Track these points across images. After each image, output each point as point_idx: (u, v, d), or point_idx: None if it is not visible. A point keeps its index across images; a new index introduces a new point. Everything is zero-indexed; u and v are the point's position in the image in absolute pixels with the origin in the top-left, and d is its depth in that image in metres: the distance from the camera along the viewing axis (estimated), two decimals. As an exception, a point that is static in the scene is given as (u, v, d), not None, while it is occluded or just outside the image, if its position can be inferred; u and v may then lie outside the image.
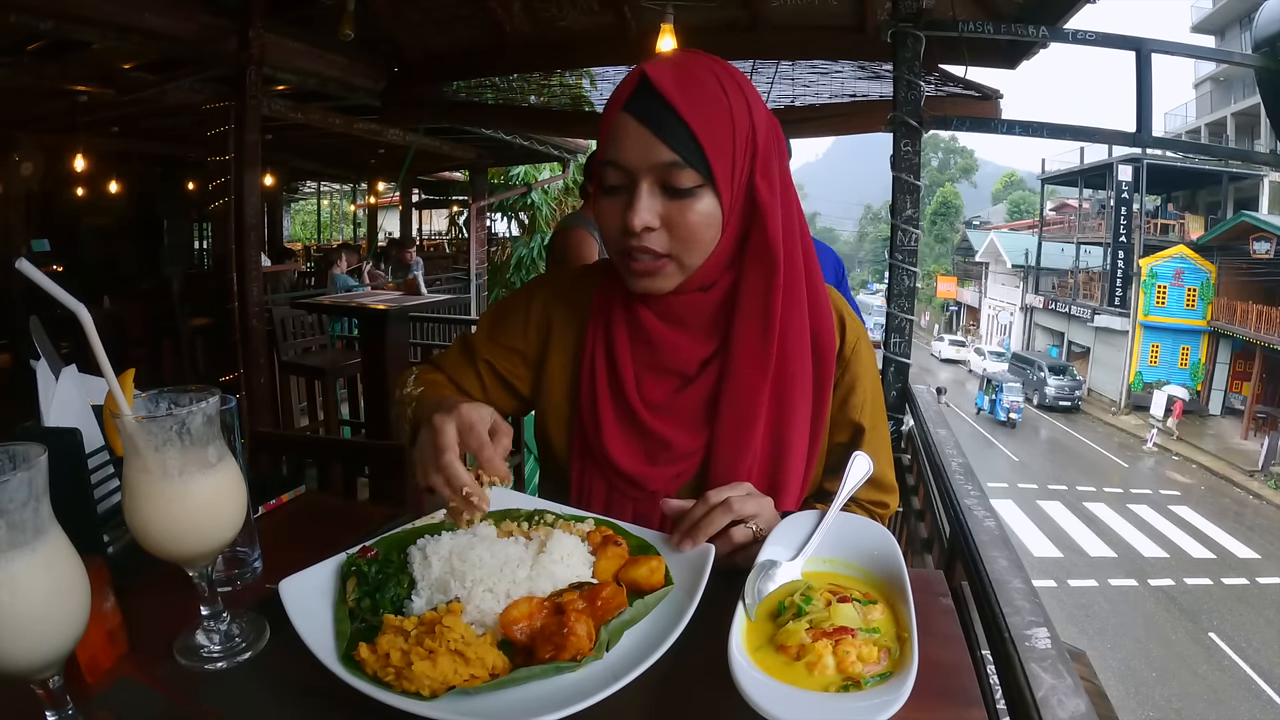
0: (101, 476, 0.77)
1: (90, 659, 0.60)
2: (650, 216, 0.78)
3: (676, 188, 0.77)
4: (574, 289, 0.97)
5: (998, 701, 0.74)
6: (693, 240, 0.80)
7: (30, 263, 0.58)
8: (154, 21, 3.10)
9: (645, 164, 0.77)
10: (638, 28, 3.59)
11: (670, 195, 0.78)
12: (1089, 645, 8.23)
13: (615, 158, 0.78)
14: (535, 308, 0.97)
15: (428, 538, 0.70)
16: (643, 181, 0.77)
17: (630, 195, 0.78)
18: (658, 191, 0.78)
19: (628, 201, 0.78)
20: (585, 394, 0.91)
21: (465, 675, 0.55)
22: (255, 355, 3.62)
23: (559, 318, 0.96)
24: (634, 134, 0.77)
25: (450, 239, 13.30)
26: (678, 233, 0.79)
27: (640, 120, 0.77)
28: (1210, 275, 18.08)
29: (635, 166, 0.77)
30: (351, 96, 4.46)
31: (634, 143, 0.77)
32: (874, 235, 56.04)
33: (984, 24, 2.48)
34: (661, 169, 0.77)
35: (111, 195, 8.49)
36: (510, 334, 0.97)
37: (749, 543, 0.73)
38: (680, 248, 0.80)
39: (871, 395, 0.94)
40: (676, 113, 0.76)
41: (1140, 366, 18.75)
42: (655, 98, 0.76)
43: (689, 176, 0.77)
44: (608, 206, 0.81)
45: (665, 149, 0.76)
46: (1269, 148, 13.74)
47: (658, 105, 0.76)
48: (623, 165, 0.78)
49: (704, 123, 0.76)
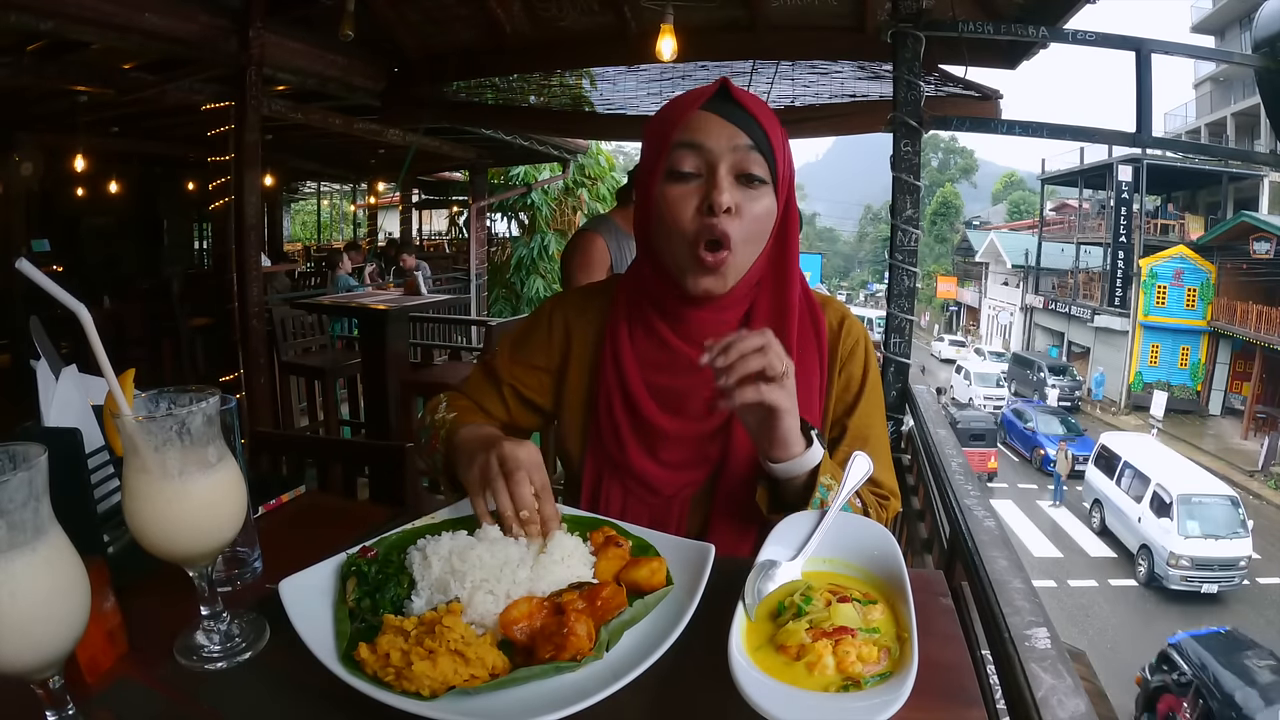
0: (101, 476, 0.77)
1: (90, 659, 0.60)
2: (731, 199, 0.82)
3: (751, 174, 0.83)
4: (591, 302, 1.01)
5: (998, 701, 0.74)
6: (756, 233, 0.85)
7: (30, 263, 0.58)
8: (154, 21, 3.10)
9: (728, 146, 0.82)
10: (638, 28, 3.59)
11: (743, 184, 0.83)
12: (1089, 645, 8.22)
13: (697, 140, 0.83)
14: (556, 322, 1.00)
15: (428, 538, 0.70)
16: (722, 164, 0.82)
17: (709, 179, 0.83)
18: (732, 180, 0.83)
19: (708, 185, 0.82)
20: (602, 403, 0.93)
21: (465, 675, 0.55)
22: (255, 355, 3.62)
23: (577, 331, 0.99)
24: (718, 124, 0.83)
25: (450, 239, 13.30)
26: (745, 220, 0.83)
27: (720, 114, 0.83)
28: (1210, 275, 18.08)
29: (718, 148, 0.82)
30: (351, 96, 4.46)
31: (718, 129, 0.83)
32: (874, 235, 56.00)
33: (984, 24, 2.48)
34: (743, 153, 0.83)
35: (111, 195, 8.48)
36: (533, 351, 1.00)
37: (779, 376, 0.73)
38: (743, 239, 0.84)
39: (868, 398, 0.95)
40: (753, 116, 0.84)
41: (1140, 367, 18.74)
42: (733, 102, 0.84)
43: (762, 166, 0.84)
44: (679, 193, 0.84)
45: (745, 137, 0.83)
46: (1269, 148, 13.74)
47: (736, 108, 0.84)
48: (705, 146, 0.83)
49: (771, 130, 0.85)
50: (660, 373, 0.91)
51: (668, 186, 0.85)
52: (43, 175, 6.81)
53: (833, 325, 0.96)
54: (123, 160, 8.37)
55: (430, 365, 4.58)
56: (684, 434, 0.90)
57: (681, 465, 0.90)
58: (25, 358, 0.78)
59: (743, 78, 3.88)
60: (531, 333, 1.01)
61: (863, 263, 59.66)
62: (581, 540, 0.73)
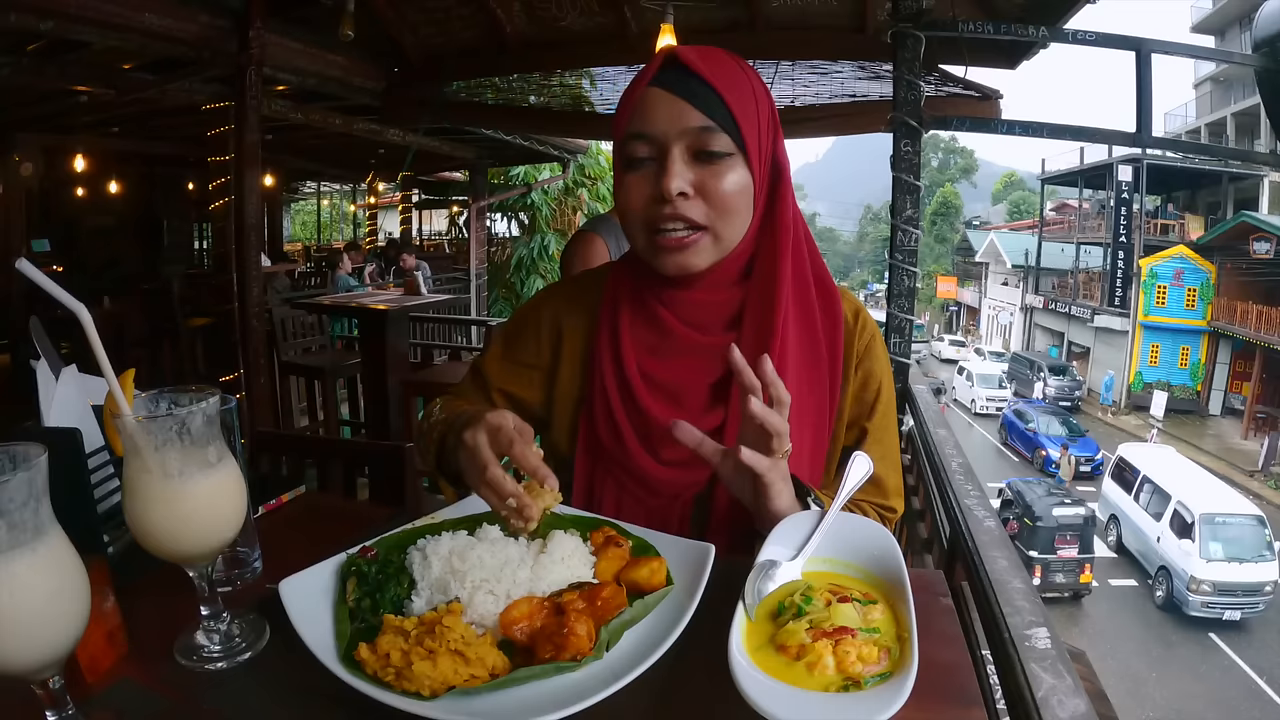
0: (101, 476, 0.77)
1: (90, 659, 0.60)
2: (684, 183, 0.76)
3: (710, 151, 0.76)
4: (582, 292, 0.96)
5: (998, 701, 0.74)
6: (728, 208, 0.78)
7: (30, 263, 0.58)
8: (154, 22, 3.10)
9: (677, 129, 0.76)
10: (638, 28, 3.59)
11: (703, 161, 0.77)
12: (1089, 646, 8.22)
13: (643, 129, 0.77)
14: (545, 317, 0.96)
15: (428, 538, 0.70)
16: (674, 148, 0.76)
17: (660, 165, 0.77)
18: (690, 159, 0.77)
19: (658, 170, 0.77)
20: (597, 396, 0.89)
21: (465, 675, 0.55)
22: (255, 355, 3.61)
23: (569, 323, 0.95)
24: (664, 102, 0.76)
25: (450, 239, 13.30)
26: (713, 200, 0.78)
27: (670, 90, 0.76)
28: (1210, 275, 18.08)
29: (665, 134, 0.76)
30: (351, 96, 4.46)
31: (666, 110, 0.76)
32: (874, 235, 56.01)
33: (984, 24, 2.48)
34: (694, 134, 0.76)
35: (111, 195, 8.50)
36: (524, 349, 0.96)
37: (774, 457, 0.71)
38: (716, 217, 0.78)
39: (885, 397, 0.91)
40: (707, 81, 0.76)
41: (1140, 367, 18.74)
42: (683, 69, 0.76)
43: (722, 141, 0.76)
44: (632, 181, 0.79)
45: (698, 113, 0.75)
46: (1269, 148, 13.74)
47: (686, 75, 0.76)
48: (651, 134, 0.77)
49: (732, 92, 0.77)
50: (657, 360, 0.87)
51: (624, 175, 0.80)
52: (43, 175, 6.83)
53: (848, 318, 0.90)
54: (123, 160, 8.37)
55: (430, 365, 4.59)
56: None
57: (682, 463, 0.84)
58: (25, 358, 0.79)
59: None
60: (521, 329, 0.97)
61: (863, 263, 59.67)
62: (581, 540, 0.73)
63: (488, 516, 0.78)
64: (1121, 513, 11.41)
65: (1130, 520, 11.11)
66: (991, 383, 20.51)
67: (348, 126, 5.21)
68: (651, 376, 0.87)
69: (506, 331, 0.99)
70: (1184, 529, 9.79)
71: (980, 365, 22.28)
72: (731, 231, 0.80)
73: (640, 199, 0.79)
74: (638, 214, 0.80)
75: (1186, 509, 9.90)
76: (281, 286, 7.79)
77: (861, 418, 0.90)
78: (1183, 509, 9.98)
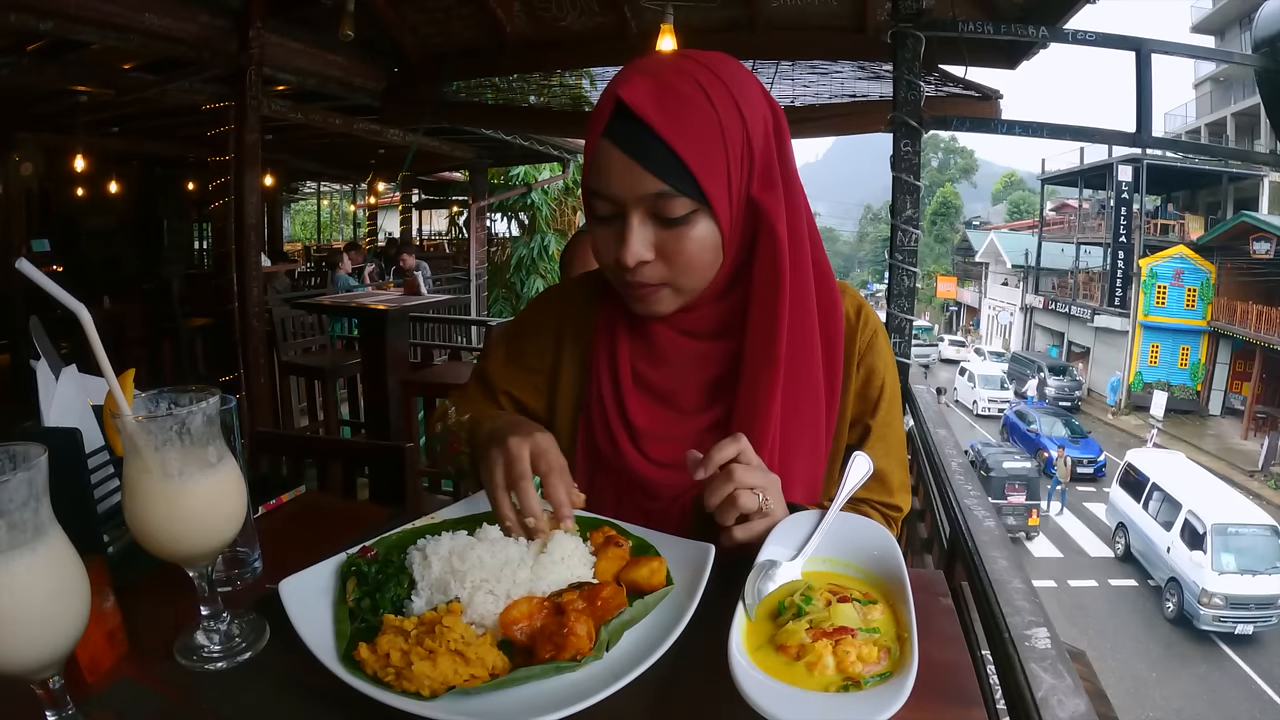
0: (101, 476, 0.77)
1: (90, 659, 0.60)
2: (643, 250, 0.74)
3: (668, 217, 0.73)
4: (581, 296, 0.96)
5: (998, 701, 0.74)
6: (690, 268, 0.77)
7: (30, 263, 0.58)
8: (154, 22, 3.10)
9: (632, 195, 0.72)
10: (638, 28, 3.60)
11: (663, 224, 0.74)
12: (1089, 646, 8.21)
13: (600, 189, 0.74)
14: (547, 320, 0.96)
15: (428, 538, 0.70)
16: (633, 214, 0.73)
17: (621, 227, 0.74)
18: (649, 221, 0.74)
19: (619, 234, 0.75)
20: (594, 397, 0.89)
21: (465, 675, 0.55)
22: (255, 355, 3.62)
23: (569, 327, 0.94)
24: (618, 163, 0.72)
25: (450, 239, 13.31)
26: (674, 262, 0.76)
27: (622, 149, 0.71)
28: (1210, 275, 18.08)
29: (622, 198, 0.73)
30: (351, 96, 4.47)
31: (619, 173, 0.72)
32: (874, 235, 56.01)
33: (984, 24, 2.48)
34: (650, 200, 0.72)
35: (111, 195, 8.49)
36: (527, 353, 0.95)
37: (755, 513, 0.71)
38: (677, 275, 0.77)
39: (889, 393, 0.90)
40: (659, 137, 0.70)
41: (1140, 367, 18.74)
42: (634, 122, 0.70)
43: (680, 204, 0.72)
44: (601, 236, 0.78)
45: (652, 179, 0.71)
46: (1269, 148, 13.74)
47: (637, 130, 0.71)
48: (609, 196, 0.74)
49: (691, 144, 0.71)
50: (651, 364, 0.87)
51: (594, 227, 0.79)
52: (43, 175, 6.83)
53: (850, 315, 0.88)
54: (123, 160, 8.38)
55: (430, 365, 4.58)
56: (674, 432, 0.85)
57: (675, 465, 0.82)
58: (25, 358, 0.78)
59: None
60: (523, 332, 0.97)
61: (863, 263, 59.65)
62: (581, 540, 0.73)
63: (488, 516, 0.78)
64: (1130, 522, 11.11)
65: (1139, 529, 10.83)
66: (993, 384, 20.41)
67: (348, 126, 5.21)
68: (645, 379, 0.87)
69: (508, 335, 0.99)
70: (1195, 539, 9.52)
71: (982, 366, 22.03)
72: (693, 283, 0.79)
73: (608, 254, 0.78)
74: (608, 266, 0.79)
75: (1198, 519, 9.62)
76: (281, 286, 7.80)
77: (865, 415, 0.89)
78: (1194, 519, 9.69)
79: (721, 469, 0.71)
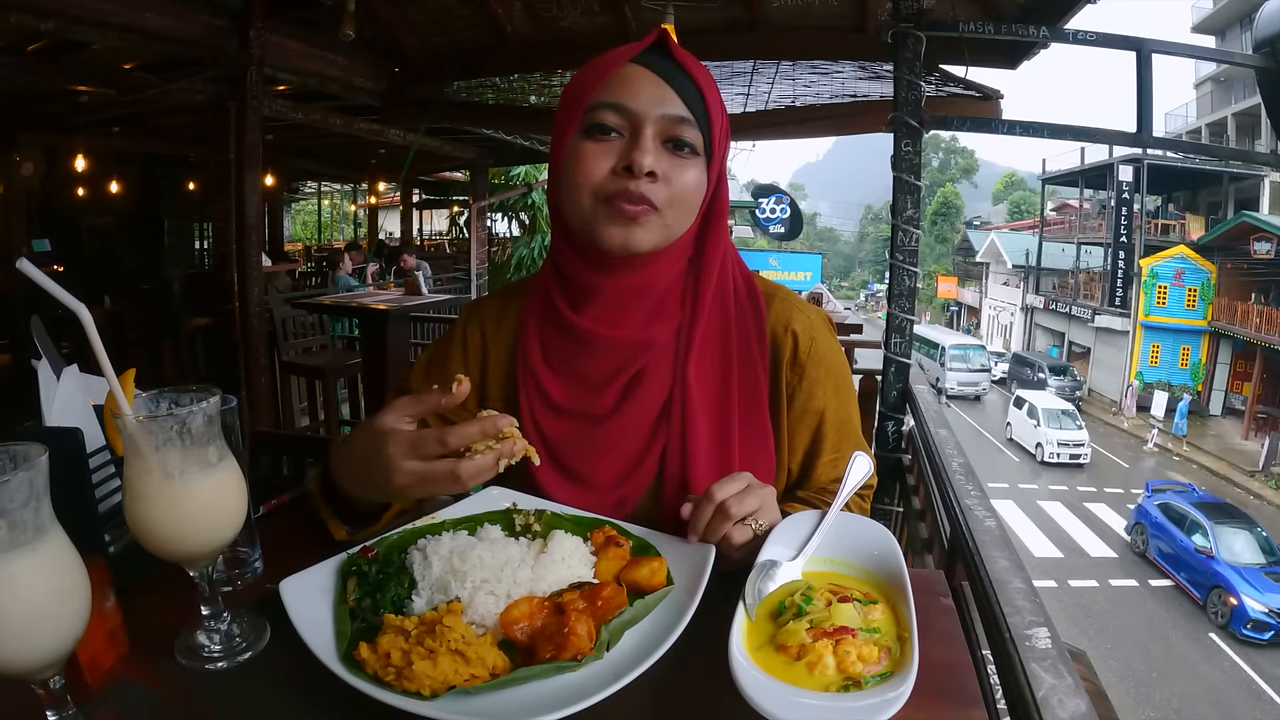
0: (102, 476, 0.76)
1: (91, 659, 0.60)
2: (655, 162, 0.75)
3: (681, 141, 0.77)
4: (508, 305, 0.93)
5: (998, 701, 0.74)
6: (685, 201, 0.78)
7: (31, 263, 0.58)
8: (155, 22, 3.10)
9: (657, 110, 0.76)
10: (638, 28, 3.59)
11: (671, 150, 0.77)
12: (1089, 646, 8.20)
13: (620, 100, 0.75)
14: (471, 334, 0.93)
15: (428, 538, 0.70)
16: (647, 128, 0.75)
17: (632, 139, 0.76)
18: (659, 145, 0.76)
19: (629, 144, 0.75)
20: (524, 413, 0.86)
21: (465, 675, 0.55)
22: (256, 355, 3.62)
23: (494, 340, 0.92)
24: (649, 81, 0.76)
25: (450, 239, 13.32)
26: (675, 189, 0.77)
27: (655, 72, 0.77)
28: (1211, 275, 18.07)
29: (644, 112, 0.75)
30: (352, 96, 4.47)
31: (648, 90, 0.76)
32: (874, 235, 55.93)
33: (984, 24, 2.48)
34: (671, 121, 0.76)
35: (112, 195, 8.49)
36: (448, 371, 0.89)
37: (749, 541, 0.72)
38: (671, 204, 0.77)
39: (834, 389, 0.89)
40: (692, 79, 0.77)
41: (1141, 367, 18.73)
42: (670, 58, 0.78)
43: (693, 135, 0.77)
44: (592, 150, 0.76)
45: (679, 102, 0.76)
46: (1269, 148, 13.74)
47: (673, 65, 0.77)
48: (628, 108, 0.75)
49: (710, 94, 0.79)
50: (573, 367, 0.85)
51: (581, 142, 0.77)
52: (43, 175, 6.83)
53: (777, 332, 0.87)
54: (123, 160, 8.37)
55: (430, 365, 4.57)
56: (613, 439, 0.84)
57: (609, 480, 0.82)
58: (26, 358, 0.78)
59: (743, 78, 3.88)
60: (445, 350, 0.92)
61: (863, 263, 59.63)
62: (582, 540, 0.73)
63: (488, 516, 0.78)
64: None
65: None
66: (1065, 421, 14.70)
67: (348, 126, 5.22)
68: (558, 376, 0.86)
69: (430, 354, 0.95)
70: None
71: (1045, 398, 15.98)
72: (680, 223, 0.80)
73: (600, 169, 0.76)
74: (593, 182, 0.76)
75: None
76: (282, 286, 7.79)
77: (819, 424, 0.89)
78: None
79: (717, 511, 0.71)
